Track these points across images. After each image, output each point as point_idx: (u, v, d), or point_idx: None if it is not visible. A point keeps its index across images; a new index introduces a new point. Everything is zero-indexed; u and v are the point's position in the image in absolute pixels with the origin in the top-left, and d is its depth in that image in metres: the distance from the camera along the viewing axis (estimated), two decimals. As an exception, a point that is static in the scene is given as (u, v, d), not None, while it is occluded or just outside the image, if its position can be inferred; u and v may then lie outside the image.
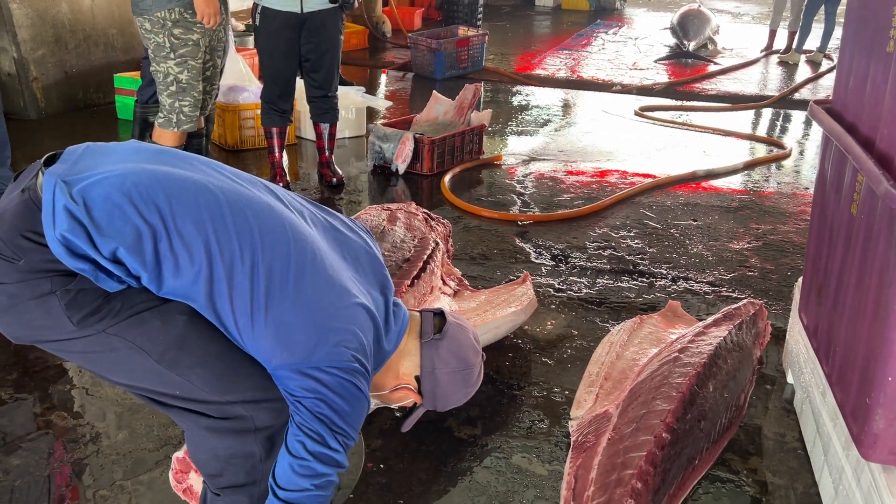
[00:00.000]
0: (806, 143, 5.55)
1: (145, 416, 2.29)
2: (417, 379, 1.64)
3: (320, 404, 1.41)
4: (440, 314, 1.70)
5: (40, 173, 1.37)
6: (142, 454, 2.14)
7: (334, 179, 4.29)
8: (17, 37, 5.07)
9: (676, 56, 8.35)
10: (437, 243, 2.76)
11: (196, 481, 1.82)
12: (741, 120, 6.10)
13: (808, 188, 4.50)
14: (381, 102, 5.58)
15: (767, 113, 6.42)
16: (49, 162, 1.42)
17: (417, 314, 1.69)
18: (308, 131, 4.91)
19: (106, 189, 1.34)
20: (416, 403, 1.69)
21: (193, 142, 3.83)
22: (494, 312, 2.58)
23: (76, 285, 1.35)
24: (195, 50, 3.33)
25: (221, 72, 4.38)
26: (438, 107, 4.88)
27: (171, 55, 3.28)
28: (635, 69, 7.79)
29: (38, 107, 5.31)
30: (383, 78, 7.30)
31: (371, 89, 6.73)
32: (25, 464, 2.09)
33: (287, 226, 1.47)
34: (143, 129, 4.01)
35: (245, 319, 1.41)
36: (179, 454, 1.84)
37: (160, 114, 3.47)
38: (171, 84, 3.34)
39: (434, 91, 5.06)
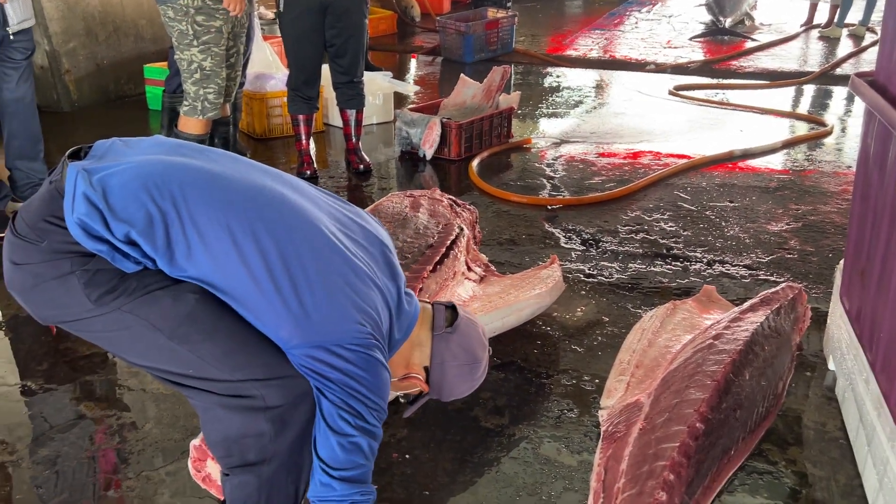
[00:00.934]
0: (848, 119, 5.36)
1: (171, 406, 2.29)
2: (426, 369, 1.67)
3: (351, 381, 1.45)
4: (452, 307, 1.72)
5: (65, 165, 1.46)
6: (168, 444, 2.14)
7: (361, 166, 4.25)
8: (49, 30, 5.12)
9: (712, 33, 8.14)
10: (461, 229, 2.71)
11: (214, 469, 1.81)
12: (780, 97, 5.92)
13: (850, 166, 4.33)
14: (408, 87, 5.53)
15: (808, 90, 6.22)
16: (74, 155, 1.52)
17: (429, 306, 1.71)
18: (336, 118, 4.88)
19: (123, 177, 1.42)
20: (421, 392, 1.72)
21: (220, 129, 3.82)
22: (518, 295, 2.52)
23: (94, 265, 1.42)
24: (218, 37, 3.32)
25: (247, 59, 4.38)
26: (466, 90, 4.81)
27: (195, 42, 3.28)
28: (669, 48, 7.61)
29: (71, 99, 5.36)
30: (412, 63, 7.25)
31: (400, 74, 6.68)
32: (54, 455, 2.10)
33: (300, 213, 1.51)
34: (172, 119, 4.02)
35: (262, 303, 1.44)
36: (196, 442, 1.83)
37: (185, 102, 3.46)
38: (196, 71, 3.34)
39: (462, 74, 4.99)
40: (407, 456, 2.09)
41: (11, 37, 3.20)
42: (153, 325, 1.44)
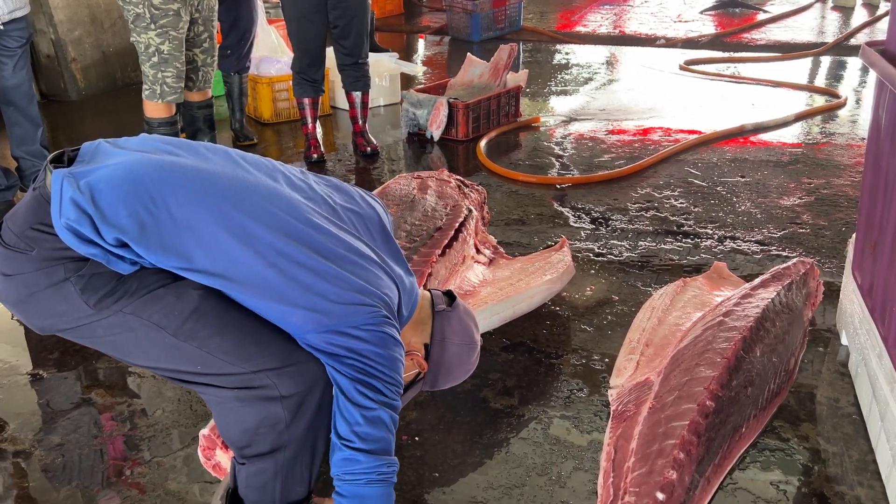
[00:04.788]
0: (863, 91, 5.28)
1: (182, 393, 2.30)
2: (426, 347, 1.69)
3: (366, 360, 1.46)
4: (448, 293, 1.76)
5: (48, 171, 1.41)
6: (178, 430, 2.15)
7: (368, 149, 4.23)
8: (54, 19, 5.12)
9: (723, 6, 8.03)
10: (470, 210, 2.69)
11: (223, 457, 1.81)
12: (793, 70, 5.83)
13: (864, 138, 4.27)
14: (414, 68, 5.50)
15: (821, 61, 6.12)
16: (57, 160, 1.46)
17: (427, 291, 1.75)
18: (343, 101, 4.86)
19: (112, 181, 1.37)
20: (414, 378, 1.71)
21: (204, 112, 3.74)
22: (528, 282, 2.50)
23: (89, 270, 1.38)
24: (176, 20, 3.26)
25: (251, 44, 4.35)
26: (473, 69, 4.77)
27: (152, 26, 3.23)
28: (680, 22, 7.51)
29: (78, 88, 5.37)
30: (420, 43, 7.20)
31: (407, 55, 6.64)
32: (66, 441, 2.12)
33: (294, 206, 1.48)
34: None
35: (269, 297, 1.42)
36: (205, 431, 1.83)
37: (144, 85, 3.40)
38: (153, 55, 3.28)
39: (468, 53, 4.95)
40: (416, 438, 2.09)
41: (2, 27, 3.19)
42: (157, 324, 1.41)
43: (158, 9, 3.22)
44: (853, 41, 6.49)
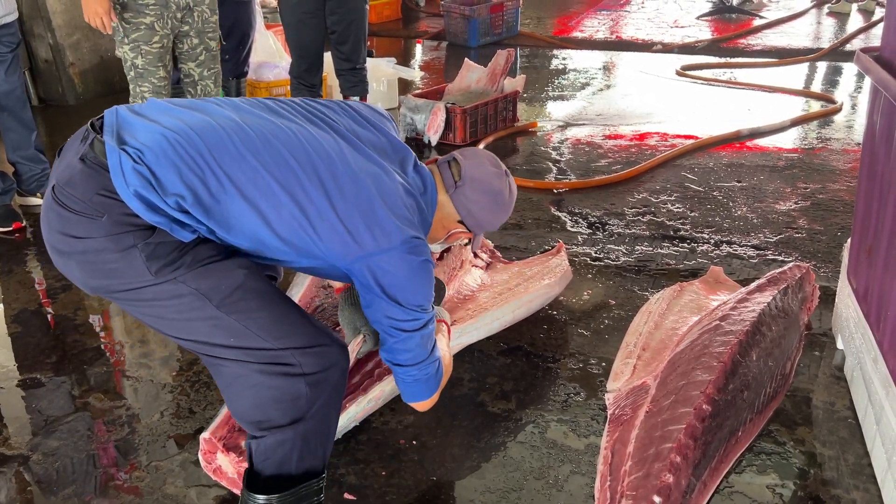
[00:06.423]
0: (858, 96, 5.30)
1: (181, 397, 2.30)
2: (460, 222, 1.85)
3: (398, 292, 1.62)
4: (452, 160, 1.85)
5: (97, 142, 1.50)
6: (177, 435, 2.15)
7: (366, 153, 4.24)
8: (52, 23, 5.12)
9: (719, 11, 8.05)
10: (467, 214, 2.69)
11: (224, 461, 1.82)
12: (789, 75, 5.85)
13: (859, 143, 4.28)
14: (412, 73, 5.51)
15: (817, 67, 6.15)
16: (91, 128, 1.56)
17: (436, 169, 1.85)
18: (340, 105, 4.85)
19: (157, 150, 1.47)
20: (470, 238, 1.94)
21: None
22: (527, 286, 2.51)
23: (155, 238, 1.49)
24: (149, 34, 3.12)
25: (249, 49, 4.36)
26: (471, 75, 4.78)
27: (125, 40, 3.13)
28: (676, 27, 7.54)
29: (76, 92, 5.37)
30: (418, 48, 7.21)
31: (405, 60, 6.65)
32: (64, 446, 2.12)
33: (316, 140, 1.60)
34: (175, 110, 4.01)
35: (310, 232, 1.55)
36: (206, 435, 1.83)
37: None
38: (130, 70, 3.19)
39: (466, 59, 4.96)
40: (414, 442, 2.10)
41: None
42: (203, 294, 1.51)
43: (129, 23, 3.09)
44: (849, 47, 6.52)
